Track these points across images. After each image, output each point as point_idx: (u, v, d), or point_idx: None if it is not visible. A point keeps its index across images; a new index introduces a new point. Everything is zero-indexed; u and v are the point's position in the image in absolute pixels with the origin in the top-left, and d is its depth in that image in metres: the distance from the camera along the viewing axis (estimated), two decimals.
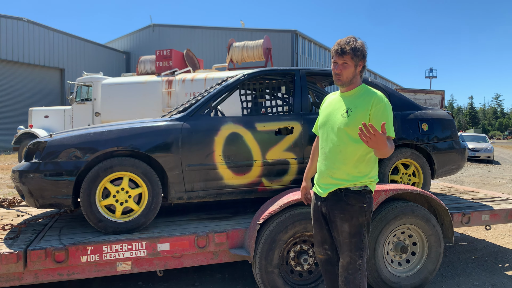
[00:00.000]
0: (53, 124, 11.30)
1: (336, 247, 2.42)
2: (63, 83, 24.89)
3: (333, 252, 2.45)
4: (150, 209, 3.15)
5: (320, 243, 2.47)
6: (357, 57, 2.23)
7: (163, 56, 11.10)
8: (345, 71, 2.25)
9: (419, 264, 3.39)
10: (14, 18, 22.19)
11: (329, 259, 2.47)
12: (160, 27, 30.20)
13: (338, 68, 2.26)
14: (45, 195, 2.99)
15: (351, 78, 2.28)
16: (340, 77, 2.27)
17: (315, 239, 2.50)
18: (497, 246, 4.90)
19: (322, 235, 2.44)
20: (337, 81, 2.31)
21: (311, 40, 29.38)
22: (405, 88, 7.67)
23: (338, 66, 2.26)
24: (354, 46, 2.21)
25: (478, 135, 20.09)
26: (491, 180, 11.16)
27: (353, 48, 2.21)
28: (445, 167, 4.06)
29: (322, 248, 2.47)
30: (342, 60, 2.23)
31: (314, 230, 2.49)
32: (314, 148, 2.65)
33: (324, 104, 2.50)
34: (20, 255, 2.61)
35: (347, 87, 2.32)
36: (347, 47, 2.21)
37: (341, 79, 2.28)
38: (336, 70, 2.27)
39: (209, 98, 3.50)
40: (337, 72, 2.27)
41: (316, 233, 2.48)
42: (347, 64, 2.24)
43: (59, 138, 3.10)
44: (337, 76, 2.28)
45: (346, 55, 2.21)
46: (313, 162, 2.64)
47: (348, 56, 2.22)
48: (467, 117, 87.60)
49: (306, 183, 2.66)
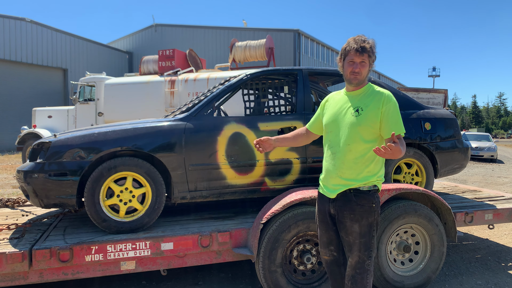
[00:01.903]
0: (56, 124, 11.34)
1: (342, 247, 2.42)
2: (66, 83, 24.96)
3: (339, 253, 2.44)
4: (154, 209, 3.16)
5: (326, 245, 2.46)
6: (373, 55, 2.26)
7: (165, 56, 11.12)
8: (364, 70, 2.26)
9: (422, 263, 3.39)
10: (17, 19, 22.27)
11: (335, 260, 2.46)
12: (163, 27, 30.23)
13: (357, 67, 2.24)
14: (50, 195, 3.01)
15: (365, 77, 2.29)
16: (359, 75, 2.26)
17: (320, 240, 2.49)
18: (500, 245, 4.89)
19: (328, 236, 2.43)
20: (353, 80, 2.28)
21: (314, 40, 29.33)
22: (407, 87, 7.65)
23: (357, 65, 2.24)
24: (371, 45, 2.24)
25: (481, 134, 20.02)
26: (495, 179, 11.13)
27: (371, 46, 2.23)
28: (448, 166, 4.06)
29: (328, 249, 2.46)
30: (361, 58, 2.23)
31: (320, 232, 2.48)
32: (299, 131, 2.69)
33: (328, 103, 2.49)
34: (25, 254, 2.64)
35: (356, 86, 2.32)
36: (367, 46, 2.22)
37: (359, 78, 2.27)
38: (356, 69, 2.25)
39: (212, 98, 3.51)
40: (357, 71, 2.25)
41: (321, 234, 2.47)
42: (364, 63, 2.25)
43: (63, 138, 3.12)
44: (355, 74, 2.26)
45: (365, 53, 2.22)
46: (291, 136, 2.68)
47: (366, 55, 2.23)
48: (471, 116, 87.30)
49: (272, 140, 2.60)
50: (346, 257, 2.43)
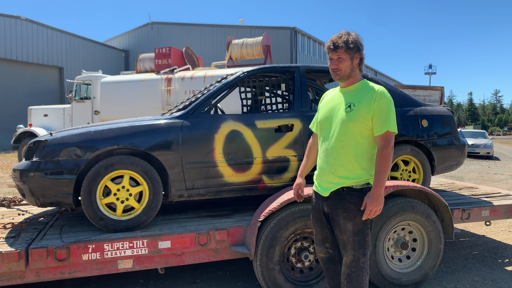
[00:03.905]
0: (52, 122, 11.30)
1: (337, 245, 2.42)
2: (62, 82, 24.85)
3: (334, 250, 2.45)
4: (151, 207, 3.15)
5: (321, 242, 2.46)
6: (350, 49, 2.23)
7: (162, 54, 11.08)
8: (342, 65, 2.25)
9: (420, 260, 3.40)
10: (12, 17, 22.13)
11: (331, 257, 2.47)
12: (159, 24, 30.14)
13: (334, 64, 2.27)
14: (46, 193, 2.99)
15: (349, 72, 2.27)
16: (338, 71, 2.28)
17: (316, 238, 2.49)
18: (497, 242, 4.91)
19: (323, 234, 2.43)
20: (335, 76, 2.31)
21: (310, 37, 29.33)
22: (404, 85, 7.67)
23: (334, 62, 2.27)
24: (346, 39, 2.22)
25: (477, 131, 20.09)
26: (491, 176, 11.18)
27: (345, 41, 2.22)
28: (445, 163, 4.07)
29: (324, 247, 2.46)
30: (336, 55, 2.25)
31: (315, 230, 2.48)
32: (310, 145, 2.62)
33: (324, 100, 2.49)
34: (22, 253, 2.62)
35: (347, 82, 2.32)
36: (339, 41, 2.22)
37: (339, 73, 2.28)
38: (332, 66, 2.28)
39: (208, 96, 3.50)
40: (333, 68, 2.28)
41: (317, 232, 2.47)
42: (342, 58, 2.25)
43: (59, 137, 3.10)
44: (334, 71, 2.29)
45: (339, 49, 2.23)
46: (308, 159, 2.62)
47: (341, 50, 2.23)
48: (467, 113, 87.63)
49: (301, 179, 2.62)
50: (341, 255, 2.43)
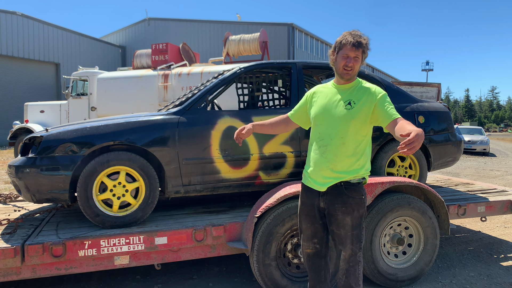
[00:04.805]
0: (49, 119, 11.25)
1: (325, 240, 2.44)
2: (59, 78, 24.73)
3: (321, 245, 2.45)
4: (148, 203, 3.15)
5: (310, 238, 2.45)
6: (366, 52, 2.26)
7: (159, 50, 11.04)
8: (356, 65, 2.25)
9: (416, 256, 3.41)
10: (8, 12, 21.96)
11: (317, 252, 2.47)
12: (156, 20, 29.99)
13: (351, 61, 2.23)
14: (42, 189, 2.98)
15: (357, 73, 2.30)
16: (351, 71, 2.26)
17: (304, 233, 2.48)
18: (492, 238, 4.94)
19: (313, 229, 2.43)
20: (345, 75, 2.27)
21: (308, 33, 29.27)
22: (401, 81, 7.67)
23: (351, 60, 2.23)
24: (367, 42, 2.24)
25: (474, 128, 20.18)
26: (487, 172, 11.23)
27: (367, 43, 2.23)
28: (441, 159, 4.08)
29: (311, 242, 2.45)
30: (355, 53, 2.22)
31: (304, 225, 2.46)
32: (281, 119, 2.64)
33: (315, 95, 2.46)
34: (18, 250, 2.61)
35: (348, 81, 2.32)
36: (363, 41, 2.21)
37: (351, 73, 2.27)
38: (350, 64, 2.23)
39: (205, 92, 3.49)
40: (350, 66, 2.24)
41: (306, 227, 2.46)
42: (358, 58, 2.24)
43: (55, 133, 3.09)
44: (347, 70, 2.25)
45: (360, 48, 2.21)
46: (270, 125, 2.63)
47: (361, 50, 2.22)
48: (463, 110, 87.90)
49: (250, 126, 2.57)
50: (327, 249, 2.47)
